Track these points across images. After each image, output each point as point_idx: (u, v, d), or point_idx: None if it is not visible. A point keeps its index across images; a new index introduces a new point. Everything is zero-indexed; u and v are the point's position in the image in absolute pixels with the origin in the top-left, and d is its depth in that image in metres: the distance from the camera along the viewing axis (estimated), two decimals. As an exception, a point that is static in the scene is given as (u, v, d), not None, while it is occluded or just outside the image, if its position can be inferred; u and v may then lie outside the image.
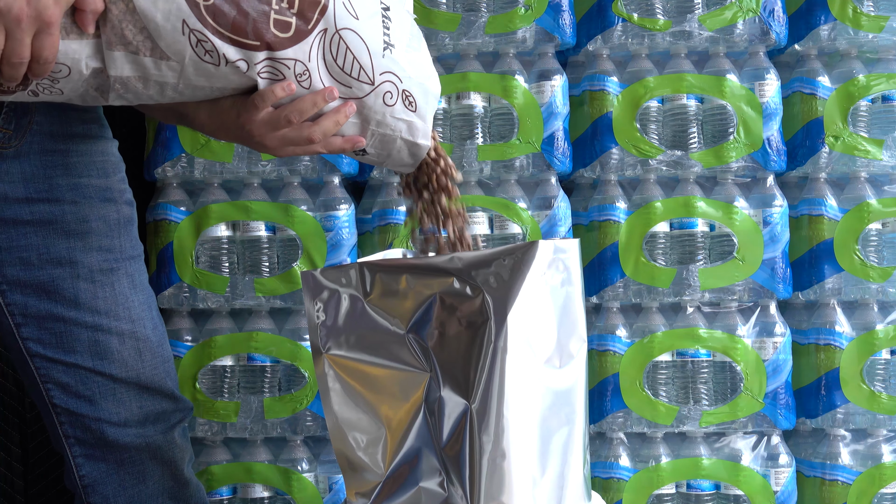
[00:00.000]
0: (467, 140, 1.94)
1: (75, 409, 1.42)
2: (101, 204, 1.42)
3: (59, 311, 1.40)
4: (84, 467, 1.45)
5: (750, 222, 1.92)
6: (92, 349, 1.41)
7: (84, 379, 1.42)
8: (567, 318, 1.27)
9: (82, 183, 1.40)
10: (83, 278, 1.40)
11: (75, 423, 1.43)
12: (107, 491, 1.46)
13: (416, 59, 1.33)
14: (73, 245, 1.40)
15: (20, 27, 1.10)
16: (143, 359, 1.44)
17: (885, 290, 1.91)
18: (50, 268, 1.39)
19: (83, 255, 1.40)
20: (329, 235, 1.92)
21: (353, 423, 1.31)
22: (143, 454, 1.46)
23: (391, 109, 1.30)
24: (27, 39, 1.11)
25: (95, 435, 1.44)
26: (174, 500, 1.51)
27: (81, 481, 1.46)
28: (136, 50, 1.17)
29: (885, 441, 1.93)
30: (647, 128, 1.95)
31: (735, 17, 1.93)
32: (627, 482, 1.91)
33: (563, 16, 1.95)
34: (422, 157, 1.37)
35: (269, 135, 1.28)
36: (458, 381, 1.23)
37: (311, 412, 1.92)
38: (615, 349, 1.92)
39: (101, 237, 1.42)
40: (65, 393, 1.42)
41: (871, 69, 1.95)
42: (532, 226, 1.92)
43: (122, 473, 1.46)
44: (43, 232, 1.38)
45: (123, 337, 1.42)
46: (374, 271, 1.28)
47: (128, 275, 1.44)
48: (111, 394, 1.43)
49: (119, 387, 1.43)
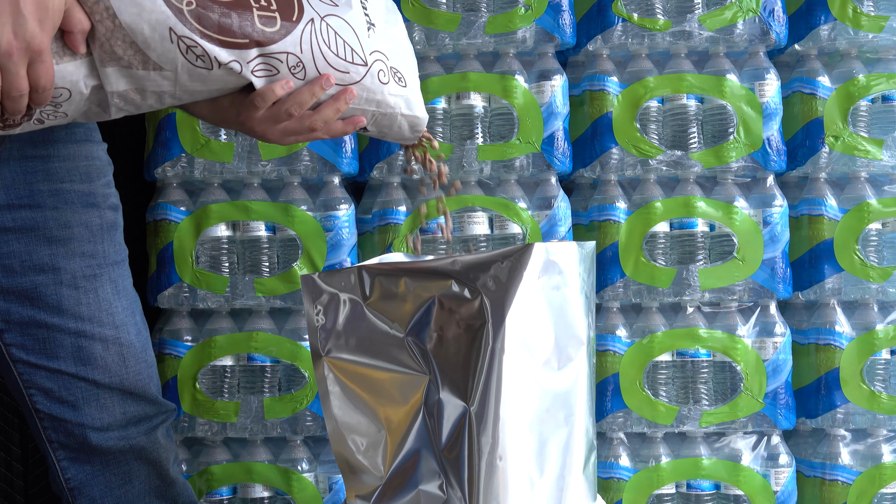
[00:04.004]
0: (467, 140, 1.94)
1: (58, 415, 1.42)
2: (84, 209, 1.41)
3: (42, 318, 1.39)
4: (69, 470, 1.45)
5: (750, 222, 1.92)
6: (75, 355, 1.41)
7: (67, 385, 1.41)
8: (564, 320, 1.28)
9: (64, 189, 1.39)
10: (66, 284, 1.40)
11: (58, 428, 1.43)
12: (94, 493, 1.46)
13: (395, 35, 1.35)
14: (56, 251, 1.40)
15: (12, 60, 1.10)
16: (127, 364, 1.44)
17: (885, 290, 1.91)
18: (32, 274, 1.39)
19: (66, 261, 1.40)
20: (329, 235, 1.92)
21: (352, 426, 1.31)
22: (127, 455, 1.46)
23: (387, 87, 1.30)
24: (22, 71, 1.12)
25: (78, 440, 1.43)
26: (161, 498, 1.51)
27: (67, 484, 1.46)
28: (128, 64, 1.18)
29: (885, 441, 1.93)
30: (647, 128, 1.95)
31: (735, 17, 1.93)
32: (627, 482, 1.91)
33: (563, 16, 1.94)
34: (423, 129, 1.38)
35: (271, 129, 1.28)
36: (457, 383, 1.23)
37: (311, 412, 1.92)
38: (615, 349, 1.92)
39: (84, 243, 1.41)
40: (48, 398, 1.42)
41: (871, 69, 1.95)
42: (532, 226, 1.92)
43: (107, 475, 1.46)
44: (25, 239, 1.37)
45: (107, 343, 1.42)
46: (373, 275, 1.28)
47: (111, 280, 1.44)
48: (94, 399, 1.42)
49: (102, 392, 1.43)
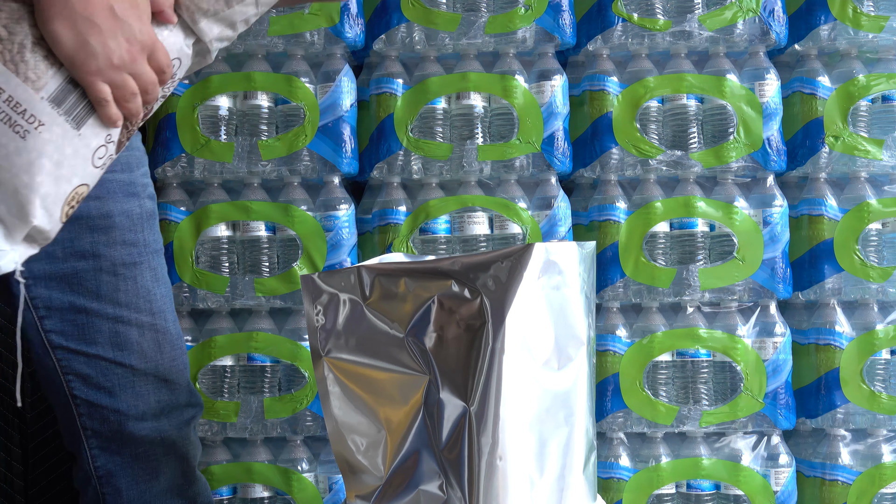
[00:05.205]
0: (467, 140, 1.94)
1: (95, 401, 1.45)
2: (125, 199, 1.44)
3: (82, 303, 1.42)
4: (100, 458, 1.47)
5: (750, 222, 1.92)
6: (112, 341, 1.44)
7: (104, 371, 1.44)
8: (564, 320, 1.27)
9: (106, 178, 1.42)
10: (106, 271, 1.43)
11: (94, 414, 1.45)
12: (120, 484, 1.48)
13: None
14: (97, 239, 1.42)
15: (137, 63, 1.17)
16: (163, 350, 1.47)
17: (885, 290, 1.91)
18: (74, 261, 1.42)
19: (107, 249, 1.43)
20: (329, 235, 1.92)
21: (352, 427, 1.31)
22: (157, 449, 1.48)
23: None
24: (147, 67, 1.19)
25: (113, 427, 1.46)
26: (182, 497, 1.53)
27: (97, 472, 1.48)
28: (215, 11, 1.23)
29: (885, 441, 1.93)
30: (647, 128, 1.95)
31: (735, 17, 1.93)
32: (627, 482, 1.91)
33: (563, 16, 1.95)
34: None
35: None
36: (457, 383, 1.23)
37: (310, 412, 1.92)
38: (615, 349, 1.92)
39: (125, 232, 1.44)
40: (85, 385, 1.44)
41: (871, 69, 1.95)
42: (532, 226, 1.92)
43: (136, 468, 1.48)
44: (67, 227, 1.39)
45: (143, 329, 1.45)
46: (372, 275, 1.28)
47: (150, 268, 1.47)
48: (130, 386, 1.45)
49: (138, 379, 1.45)
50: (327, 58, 1.97)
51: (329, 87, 1.94)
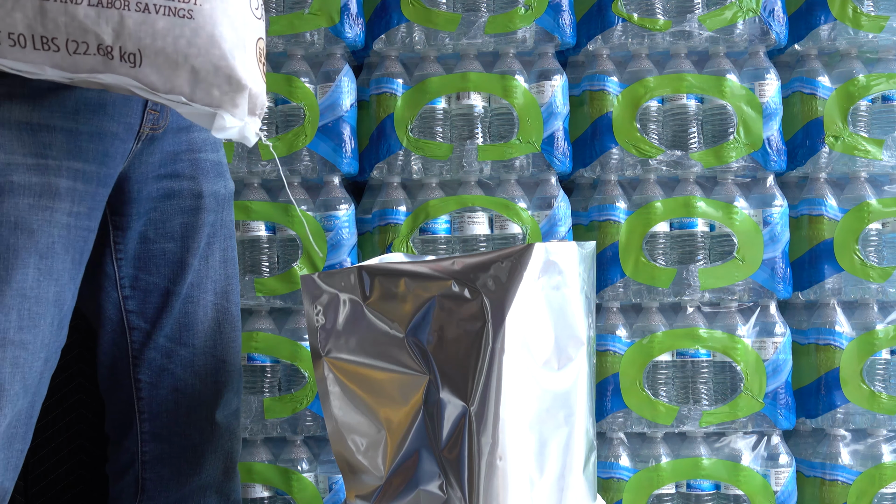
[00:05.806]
0: (467, 140, 1.94)
1: (157, 383, 1.47)
2: (215, 179, 1.48)
3: (164, 284, 1.46)
4: (149, 444, 1.49)
5: (750, 222, 1.92)
6: (181, 320, 1.47)
7: (169, 352, 1.47)
8: (564, 320, 1.28)
9: (200, 158, 1.45)
10: (189, 251, 1.46)
11: (154, 397, 1.47)
12: (163, 472, 1.49)
13: None
14: (187, 221, 1.45)
15: None
16: (223, 330, 1.50)
17: (885, 290, 1.91)
18: (163, 242, 1.45)
19: (192, 231, 1.46)
20: (329, 235, 1.92)
21: (352, 427, 1.31)
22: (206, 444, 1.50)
23: None
24: None
25: (170, 411, 1.48)
26: (219, 493, 1.54)
27: (143, 457, 1.49)
28: None
29: (885, 441, 1.93)
30: (647, 128, 1.95)
31: (735, 17, 1.93)
32: (627, 482, 1.91)
33: (563, 16, 1.94)
34: None
35: None
36: (457, 383, 1.23)
37: (310, 412, 1.92)
38: (615, 349, 1.92)
39: (210, 213, 1.47)
40: (149, 367, 1.47)
41: (871, 69, 1.95)
42: (532, 226, 1.92)
43: (181, 461, 1.49)
44: (163, 207, 1.43)
45: (207, 308, 1.48)
46: (373, 275, 1.28)
47: (222, 249, 1.50)
48: (190, 367, 1.48)
49: (198, 359, 1.48)
50: (327, 58, 1.97)
51: (329, 87, 1.94)
